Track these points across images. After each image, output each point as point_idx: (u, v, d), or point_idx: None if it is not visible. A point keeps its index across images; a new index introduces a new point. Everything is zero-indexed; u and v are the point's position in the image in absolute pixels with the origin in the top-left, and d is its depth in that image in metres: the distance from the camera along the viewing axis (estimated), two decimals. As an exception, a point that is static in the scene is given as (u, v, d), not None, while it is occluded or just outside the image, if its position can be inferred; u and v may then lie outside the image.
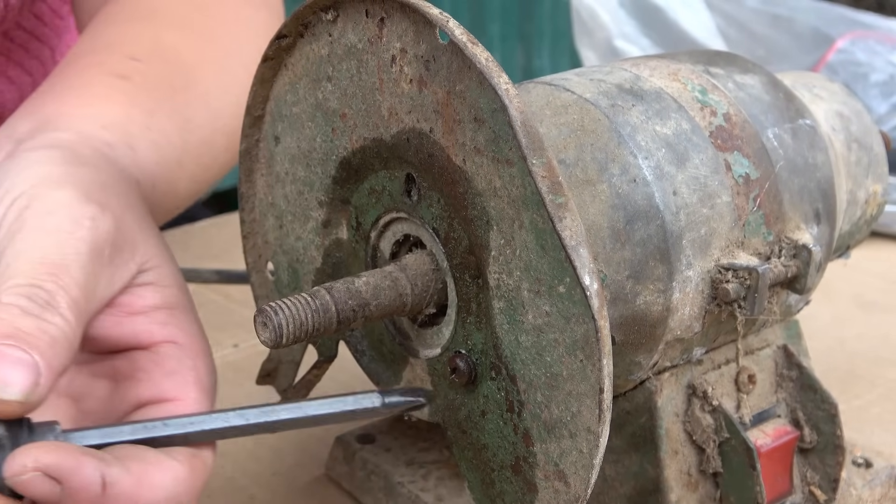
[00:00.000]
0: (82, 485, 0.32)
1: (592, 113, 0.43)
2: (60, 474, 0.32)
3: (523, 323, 0.37)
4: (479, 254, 0.38)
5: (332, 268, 0.46)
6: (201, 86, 0.57)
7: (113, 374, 0.40)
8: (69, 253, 0.37)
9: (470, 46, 0.35)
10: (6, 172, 0.40)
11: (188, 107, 0.55)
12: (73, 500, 0.32)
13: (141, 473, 0.34)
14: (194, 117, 0.55)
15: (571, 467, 0.37)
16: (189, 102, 0.55)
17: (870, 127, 0.54)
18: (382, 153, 0.41)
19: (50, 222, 0.37)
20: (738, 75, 0.48)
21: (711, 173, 0.43)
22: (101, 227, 0.38)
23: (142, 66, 0.53)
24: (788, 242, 0.46)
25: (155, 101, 0.52)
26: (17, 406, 0.32)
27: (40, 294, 0.35)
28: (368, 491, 0.52)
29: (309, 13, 0.42)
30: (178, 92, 0.55)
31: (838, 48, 1.02)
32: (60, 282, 0.35)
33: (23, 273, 0.35)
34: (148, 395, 0.39)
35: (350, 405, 0.39)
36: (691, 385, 0.46)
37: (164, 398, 0.39)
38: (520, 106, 0.35)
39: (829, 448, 0.48)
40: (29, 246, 0.36)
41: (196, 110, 0.55)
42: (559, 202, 0.34)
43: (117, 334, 0.40)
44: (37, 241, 0.37)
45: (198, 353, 0.40)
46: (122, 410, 0.40)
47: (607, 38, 1.07)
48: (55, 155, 0.42)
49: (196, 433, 0.37)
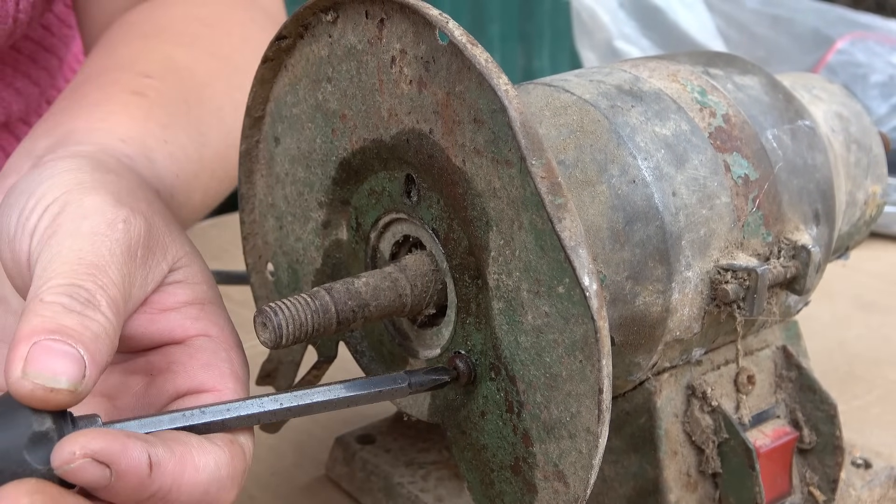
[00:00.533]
0: (130, 466, 0.33)
1: (592, 114, 0.43)
2: (109, 458, 0.32)
3: (523, 323, 0.37)
4: (479, 254, 0.38)
5: (332, 268, 0.46)
6: (213, 101, 0.57)
7: (148, 369, 0.41)
8: (105, 254, 0.37)
9: (469, 47, 0.35)
10: (36, 181, 0.41)
11: (202, 122, 0.55)
12: (122, 482, 0.33)
13: (184, 454, 0.35)
14: (209, 132, 0.55)
15: (571, 468, 0.37)
16: (203, 118, 0.56)
17: (869, 128, 0.54)
18: (382, 154, 0.41)
19: (85, 225, 0.38)
20: (737, 76, 0.48)
21: (711, 174, 0.43)
22: (133, 230, 0.39)
23: (155, 82, 0.54)
24: (787, 243, 0.46)
25: (170, 115, 0.53)
26: (67, 395, 0.33)
27: (81, 293, 0.35)
28: (368, 491, 0.52)
29: (309, 14, 0.42)
30: (192, 108, 0.55)
31: (838, 49, 1.02)
32: (99, 281, 0.36)
33: (62, 273, 0.36)
34: (186, 387, 0.40)
35: (379, 385, 0.40)
36: (690, 386, 0.46)
37: (201, 389, 0.40)
38: (519, 107, 0.35)
39: (828, 449, 0.49)
40: (66, 248, 0.37)
41: (210, 126, 0.56)
42: (559, 203, 0.34)
43: (151, 331, 0.40)
44: (73, 243, 0.37)
45: (231, 345, 0.41)
46: (159, 403, 0.40)
47: (607, 39, 1.07)
48: (83, 163, 0.42)
49: (233, 419, 0.37)
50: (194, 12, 0.64)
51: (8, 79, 0.73)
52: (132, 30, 0.61)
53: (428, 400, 0.44)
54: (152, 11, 0.64)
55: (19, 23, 0.64)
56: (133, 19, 0.63)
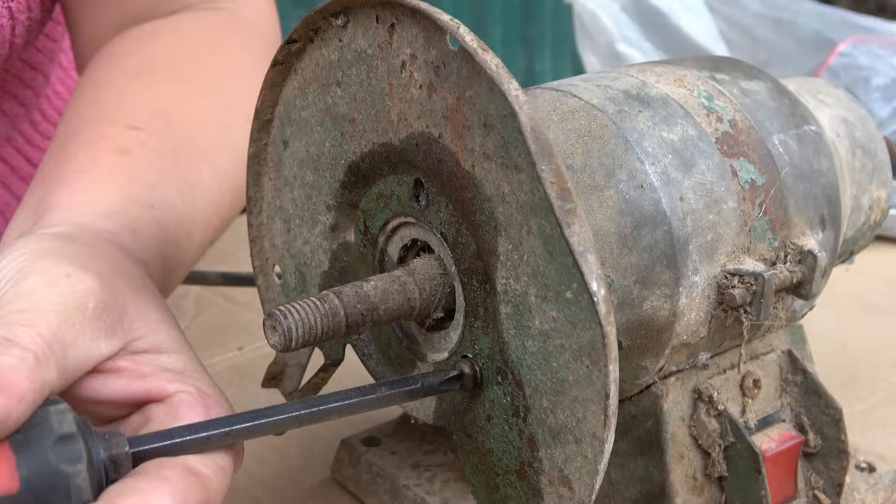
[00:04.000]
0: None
1: (599, 119, 0.43)
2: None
3: (530, 328, 0.37)
4: (487, 259, 0.38)
5: (340, 272, 0.47)
6: (204, 144, 0.56)
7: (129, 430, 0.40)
8: (38, 302, 0.37)
9: (480, 52, 0.36)
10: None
11: (193, 170, 0.54)
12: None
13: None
14: (199, 181, 0.54)
15: (576, 473, 0.37)
16: (193, 166, 0.55)
17: (874, 133, 0.54)
18: (391, 158, 0.42)
19: (25, 285, 0.38)
20: (743, 81, 0.49)
21: (717, 179, 0.44)
22: (80, 284, 0.39)
23: (143, 135, 0.53)
24: (794, 248, 0.46)
25: (158, 173, 0.52)
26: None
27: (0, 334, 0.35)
28: (374, 494, 0.53)
29: (319, 18, 0.42)
30: (181, 158, 0.54)
31: (840, 52, 1.02)
32: (23, 320, 0.36)
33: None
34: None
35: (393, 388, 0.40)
36: (697, 389, 0.46)
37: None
38: (529, 112, 0.35)
39: (833, 453, 0.49)
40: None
41: (201, 174, 0.55)
42: (567, 208, 0.34)
43: (130, 393, 0.39)
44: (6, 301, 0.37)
45: (211, 404, 0.40)
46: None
47: (609, 42, 1.07)
48: (50, 240, 0.42)
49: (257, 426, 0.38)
50: (185, 44, 0.62)
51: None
52: (119, 66, 0.60)
53: (434, 403, 0.44)
54: (142, 43, 0.62)
55: (15, 47, 0.64)
56: (121, 51, 0.62)
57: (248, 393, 0.62)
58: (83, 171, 0.50)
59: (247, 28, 0.67)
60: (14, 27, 0.62)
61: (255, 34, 0.67)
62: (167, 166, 0.53)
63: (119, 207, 0.48)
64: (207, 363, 0.66)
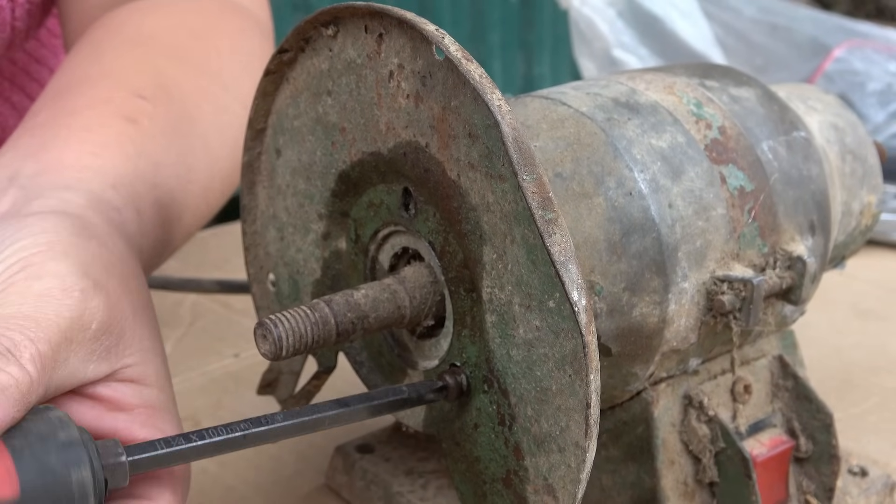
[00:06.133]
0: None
1: (589, 126, 0.43)
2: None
3: (514, 337, 0.37)
4: (473, 268, 0.39)
5: (332, 279, 0.47)
6: (201, 126, 0.55)
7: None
8: (48, 312, 0.36)
9: (464, 63, 0.36)
10: (10, 237, 0.39)
11: (190, 153, 0.53)
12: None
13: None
14: (195, 164, 0.54)
15: (560, 482, 0.37)
16: (191, 148, 0.54)
17: (864, 138, 0.54)
18: (380, 167, 0.42)
19: (37, 286, 0.37)
20: (732, 88, 0.49)
21: (707, 186, 0.44)
22: (90, 302, 0.37)
23: (149, 106, 0.52)
24: (783, 254, 0.46)
25: (162, 149, 0.51)
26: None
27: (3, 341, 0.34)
28: (368, 500, 0.53)
29: (310, 28, 0.43)
30: (181, 137, 0.53)
31: (836, 57, 1.02)
32: (29, 334, 0.35)
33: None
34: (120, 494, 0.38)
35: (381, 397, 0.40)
36: (687, 395, 0.46)
37: (135, 496, 0.38)
38: (512, 122, 0.35)
39: (824, 457, 0.49)
40: (8, 303, 0.36)
41: (197, 157, 0.54)
42: (549, 218, 0.34)
43: (99, 428, 0.38)
44: (16, 300, 0.36)
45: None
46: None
47: (605, 48, 1.08)
48: (66, 224, 0.41)
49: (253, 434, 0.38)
50: (184, 21, 0.61)
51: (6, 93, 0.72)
52: (119, 34, 0.58)
53: (424, 411, 0.44)
54: (140, 16, 0.61)
55: (17, 31, 0.64)
56: (118, 21, 0.60)
57: (243, 399, 0.62)
58: (91, 129, 0.49)
59: (244, 13, 0.66)
60: (14, 9, 0.62)
61: (253, 20, 0.66)
62: (169, 144, 0.52)
63: (126, 180, 0.47)
64: (204, 370, 0.67)
